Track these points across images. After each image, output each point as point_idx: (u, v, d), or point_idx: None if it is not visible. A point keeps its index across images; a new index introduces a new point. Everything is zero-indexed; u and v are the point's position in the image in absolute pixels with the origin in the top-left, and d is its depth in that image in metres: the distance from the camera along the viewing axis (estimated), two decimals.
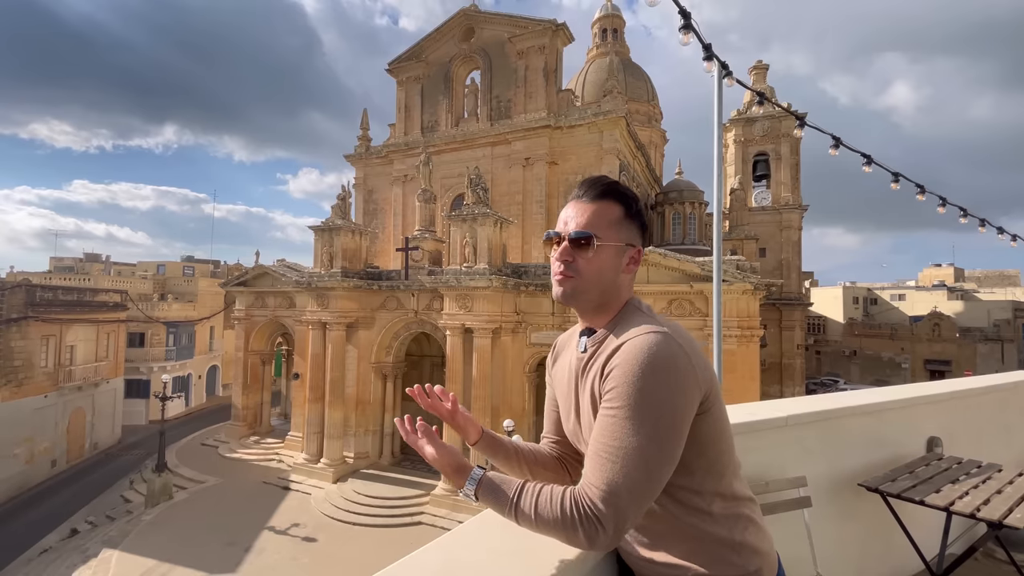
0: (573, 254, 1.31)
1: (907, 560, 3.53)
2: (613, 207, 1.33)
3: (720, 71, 2.35)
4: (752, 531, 1.33)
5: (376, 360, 23.21)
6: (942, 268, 72.70)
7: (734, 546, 1.29)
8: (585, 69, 41.60)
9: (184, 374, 36.97)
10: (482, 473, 1.27)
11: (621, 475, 1.11)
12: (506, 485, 1.24)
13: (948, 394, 4.10)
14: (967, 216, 3.94)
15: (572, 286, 1.32)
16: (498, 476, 1.28)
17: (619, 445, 1.12)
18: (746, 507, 1.35)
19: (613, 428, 1.14)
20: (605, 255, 1.30)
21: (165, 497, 20.09)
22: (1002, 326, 44.47)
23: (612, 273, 1.32)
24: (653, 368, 1.13)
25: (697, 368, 1.18)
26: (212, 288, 39.53)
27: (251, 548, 16.58)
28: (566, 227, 1.33)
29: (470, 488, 1.26)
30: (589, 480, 1.15)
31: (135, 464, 25.82)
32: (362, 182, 31.76)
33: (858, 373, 47.37)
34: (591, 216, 1.31)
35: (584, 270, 1.31)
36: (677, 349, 1.16)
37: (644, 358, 1.14)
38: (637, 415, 1.12)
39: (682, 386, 1.14)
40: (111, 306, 30.48)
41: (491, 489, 1.25)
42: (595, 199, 1.33)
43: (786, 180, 39.87)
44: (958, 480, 3.02)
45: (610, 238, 1.31)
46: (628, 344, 1.20)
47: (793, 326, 37.86)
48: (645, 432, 1.11)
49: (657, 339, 1.17)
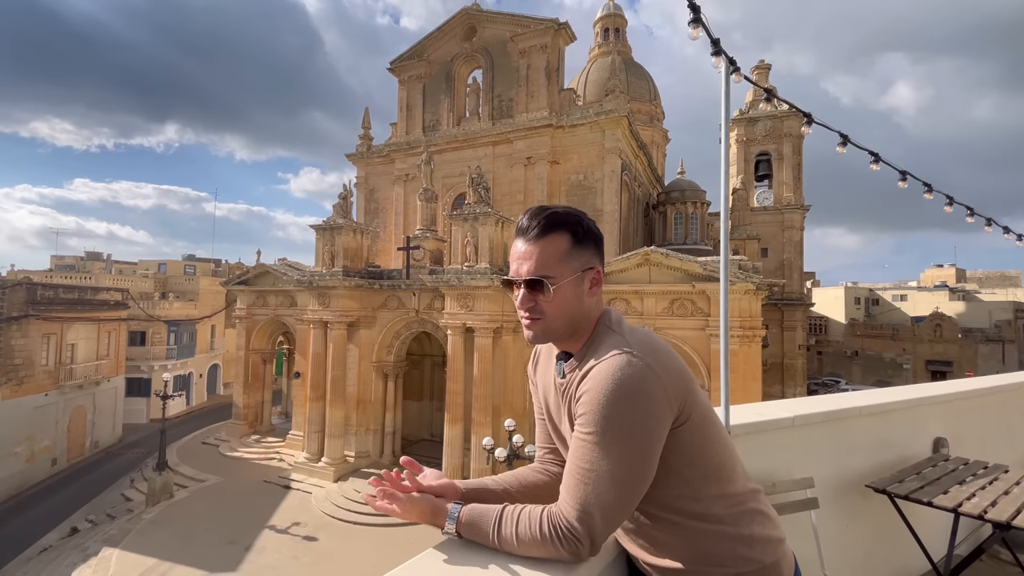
0: (533, 298, 1.31)
1: (913, 561, 3.51)
2: (560, 239, 1.30)
3: (728, 67, 2.32)
4: (760, 521, 1.35)
5: (377, 359, 23.21)
6: (944, 269, 72.61)
7: (745, 540, 1.30)
8: (587, 68, 41.55)
9: (185, 373, 37.00)
10: (459, 510, 1.30)
11: (593, 496, 1.16)
12: (485, 516, 1.27)
13: (953, 395, 4.08)
14: (973, 215, 3.91)
15: (541, 328, 1.33)
16: (475, 510, 1.29)
17: (589, 468, 1.17)
18: (751, 500, 1.36)
19: (584, 451, 1.18)
20: (564, 291, 1.29)
21: (166, 496, 20.10)
22: (1003, 327, 44.40)
23: (576, 303, 1.32)
24: (618, 393, 1.15)
25: (666, 385, 1.19)
26: (213, 287, 39.55)
27: (252, 547, 16.58)
28: (518, 271, 1.32)
29: (451, 527, 1.29)
30: (564, 499, 1.21)
31: (136, 463, 25.84)
32: (363, 181, 31.75)
33: (860, 374, 47.29)
34: (540, 256, 1.29)
35: (547, 311, 1.31)
36: (644, 370, 1.17)
37: (609, 384, 1.17)
38: (605, 439, 1.16)
39: (649, 408, 1.17)
40: (112, 304, 30.49)
41: (471, 524, 1.27)
42: (540, 236, 1.30)
43: (788, 180, 39.79)
44: (965, 481, 3.00)
45: (564, 273, 1.29)
46: (595, 370, 1.22)
47: (795, 326, 37.80)
48: (614, 455, 1.15)
49: (623, 362, 1.18)
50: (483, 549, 1.28)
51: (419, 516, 1.34)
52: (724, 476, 1.32)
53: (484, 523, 1.26)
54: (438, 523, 1.31)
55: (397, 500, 1.34)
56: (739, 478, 1.36)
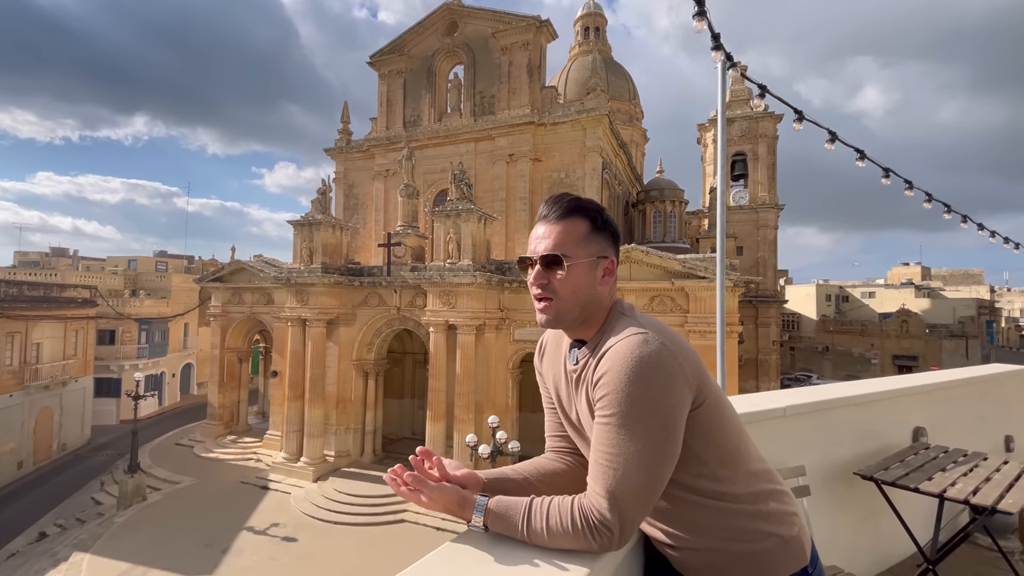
0: (547, 276, 1.33)
1: (897, 546, 3.64)
2: (579, 223, 1.34)
3: (725, 62, 2.36)
4: (776, 497, 1.38)
5: (357, 357, 22.95)
6: (910, 267, 75.19)
7: (763, 516, 1.33)
8: (567, 67, 41.70)
9: (157, 372, 35.99)
10: (486, 501, 1.27)
11: (623, 481, 1.15)
12: (513, 508, 1.25)
13: (932, 385, 4.23)
14: (950, 212, 4.07)
15: (554, 311, 1.34)
16: (503, 502, 1.27)
17: (617, 452, 1.16)
18: (766, 478, 1.40)
19: (609, 436, 1.17)
20: (578, 272, 1.31)
21: (138, 498, 19.55)
22: (967, 323, 46.18)
23: (589, 288, 1.33)
24: (639, 371, 1.15)
25: (684, 364, 1.20)
26: (186, 284, 38.53)
27: (229, 549, 16.26)
28: (535, 249, 1.35)
29: (478, 519, 1.26)
30: (593, 488, 1.19)
31: (106, 465, 25.05)
32: (342, 176, 31.31)
33: (830, 368, 48.63)
34: (558, 236, 1.32)
35: (560, 290, 1.32)
36: (661, 348, 1.18)
37: (629, 362, 1.17)
38: (629, 420, 1.15)
39: (671, 385, 1.17)
40: (79, 302, 29.47)
41: (499, 516, 1.25)
42: (560, 218, 1.34)
43: (763, 180, 40.61)
44: (947, 468, 3.11)
45: (580, 255, 1.32)
46: (612, 350, 1.22)
47: (769, 323, 38.65)
48: (640, 436, 1.15)
49: (640, 341, 1.19)
50: (505, 541, 1.26)
51: (445, 507, 1.30)
52: (740, 456, 1.35)
53: (512, 515, 1.23)
54: (464, 515, 1.29)
55: (425, 489, 1.30)
56: (753, 458, 1.39)
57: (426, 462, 1.40)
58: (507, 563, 1.19)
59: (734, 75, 17.22)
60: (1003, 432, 4.82)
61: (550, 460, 1.56)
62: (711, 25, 2.23)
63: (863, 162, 3.22)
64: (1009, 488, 2.71)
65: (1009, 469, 3.03)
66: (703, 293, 18.23)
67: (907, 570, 3.47)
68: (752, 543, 1.32)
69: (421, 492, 1.30)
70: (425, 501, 1.30)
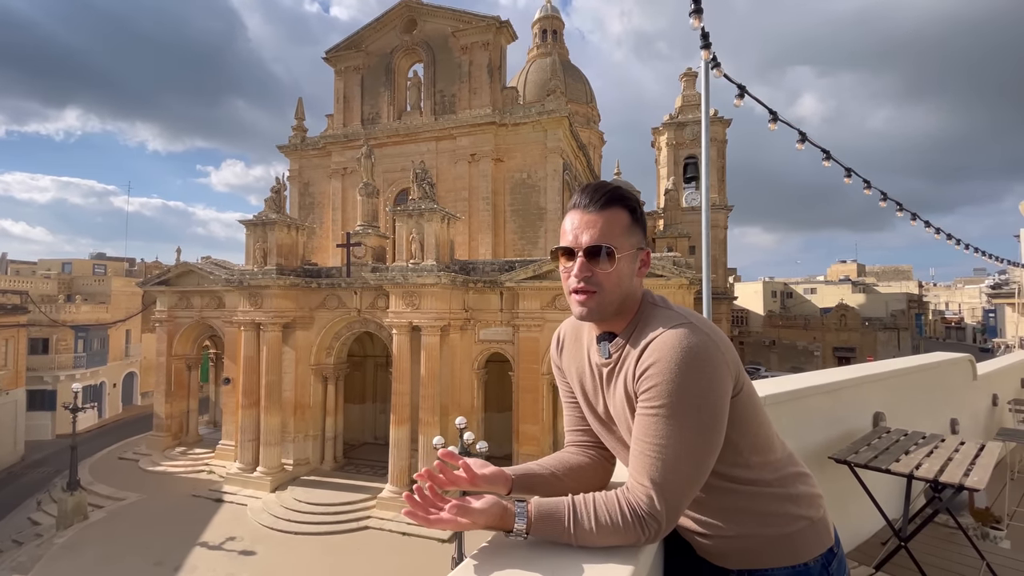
0: (590, 268, 1.28)
1: (865, 525, 3.87)
2: (621, 214, 1.31)
3: (709, 62, 2.45)
4: (803, 480, 1.44)
5: (316, 362, 22.29)
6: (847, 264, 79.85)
7: (793, 499, 1.38)
8: (526, 69, 41.96)
9: (96, 382, 33.74)
10: (526, 506, 1.19)
11: (672, 472, 1.15)
12: (555, 510, 1.19)
13: (888, 373, 4.52)
14: (902, 209, 4.39)
15: (596, 303, 1.30)
16: (543, 504, 1.20)
17: (665, 443, 1.15)
18: (791, 462, 1.45)
19: (656, 427, 1.16)
20: (622, 265, 1.29)
21: (79, 517, 18.29)
22: (898, 316, 49.45)
23: (629, 280, 1.32)
24: (688, 362, 1.15)
25: (726, 355, 1.22)
26: (128, 288, 36.35)
27: (181, 567, 15.45)
28: (578, 240, 1.30)
29: (521, 525, 1.17)
30: (639, 480, 1.18)
31: (42, 483, 23.27)
32: (297, 175, 30.35)
33: (777, 361, 51.01)
34: (604, 226, 1.29)
35: (605, 283, 1.28)
36: (707, 340, 1.19)
37: (678, 353, 1.16)
38: (679, 411, 1.15)
39: (717, 376, 1.18)
40: (8, 309, 27.29)
41: (543, 520, 1.18)
42: (603, 208, 1.30)
43: (714, 182, 42.18)
44: (910, 450, 3.33)
45: (624, 247, 1.30)
46: (658, 341, 1.21)
47: (720, 319, 40.17)
48: (689, 427, 1.15)
49: (687, 332, 1.19)
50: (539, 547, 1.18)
51: (489, 520, 1.19)
52: (769, 442, 1.39)
53: (557, 517, 1.18)
54: (506, 524, 1.19)
55: (469, 512, 1.18)
56: (777, 444, 1.44)
57: (460, 463, 1.31)
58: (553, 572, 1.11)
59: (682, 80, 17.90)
60: (949, 415, 5.21)
61: (574, 454, 1.54)
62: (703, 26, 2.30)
63: (828, 162, 3.43)
64: (971, 467, 2.93)
65: (967, 449, 3.27)
66: (662, 292, 18.74)
67: (873, 548, 3.69)
68: (784, 527, 1.35)
69: (464, 516, 1.18)
70: (468, 523, 1.18)
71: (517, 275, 19.21)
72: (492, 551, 1.21)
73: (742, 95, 2.86)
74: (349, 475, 21.30)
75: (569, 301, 1.35)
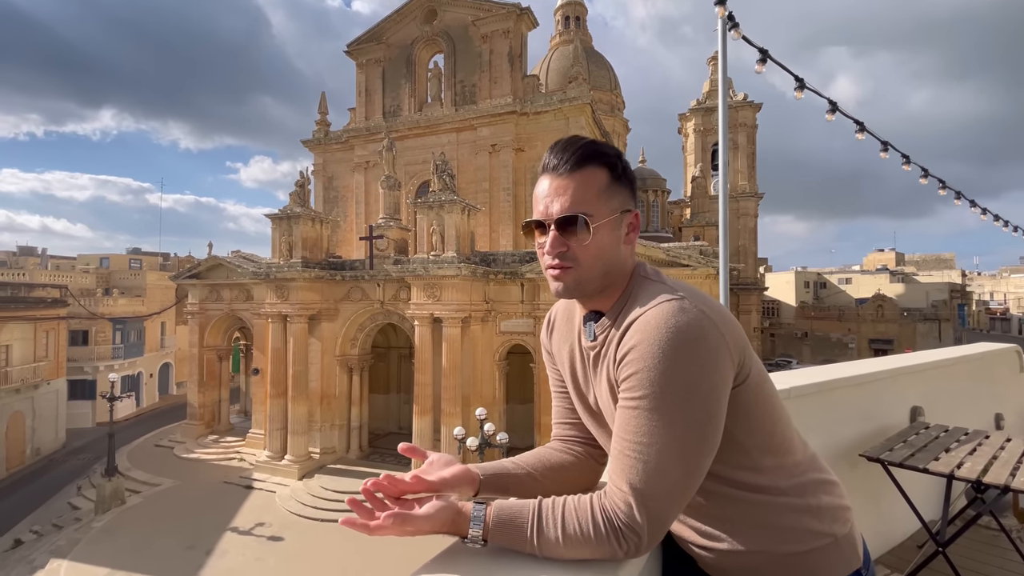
0: (565, 241, 1.09)
1: (898, 527, 3.60)
2: (598, 173, 1.10)
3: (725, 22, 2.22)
4: (826, 489, 1.19)
5: (341, 353, 22.59)
6: (885, 253, 76.97)
7: (813, 512, 1.14)
8: (548, 57, 41.41)
9: (134, 373, 35.05)
10: (484, 509, 1.02)
11: (654, 476, 0.95)
12: (519, 515, 1.01)
13: (927, 364, 4.20)
14: (945, 188, 4.05)
15: (573, 279, 1.11)
16: (504, 509, 1.02)
17: (648, 441, 0.96)
18: (813, 468, 1.21)
19: (638, 422, 0.97)
20: (602, 233, 1.09)
21: (117, 502, 19.03)
22: (939, 306, 47.42)
23: (613, 250, 1.11)
24: (676, 343, 0.95)
25: (727, 335, 1.00)
26: (162, 282, 37.53)
27: (213, 551, 15.91)
28: (548, 210, 1.10)
29: (476, 531, 1.00)
30: (617, 485, 0.99)
31: (83, 469, 24.32)
32: (321, 169, 30.71)
33: (809, 354, 49.59)
34: (576, 191, 1.08)
35: (582, 257, 1.09)
36: (701, 316, 0.98)
37: (664, 333, 0.96)
38: (664, 403, 0.95)
39: (713, 360, 0.97)
40: (49, 302, 28.48)
41: (502, 526, 1.00)
42: (575, 168, 1.09)
43: (743, 169, 41.00)
44: (951, 448, 3.06)
45: (602, 212, 1.09)
46: (642, 319, 1.01)
47: (750, 310, 39.22)
48: (677, 422, 0.95)
49: (676, 308, 0.98)
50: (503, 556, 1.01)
51: (437, 526, 1.03)
52: (784, 442, 1.16)
53: (519, 524, 1.00)
54: (460, 530, 1.03)
55: (411, 520, 1.00)
56: (797, 445, 1.21)
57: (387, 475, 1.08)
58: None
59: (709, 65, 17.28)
60: (993, 410, 4.84)
61: (556, 451, 1.34)
62: None
63: (863, 134, 3.15)
64: (1018, 465, 2.66)
65: (1013, 447, 2.99)
66: (687, 281, 18.18)
67: (908, 551, 3.42)
68: (800, 544, 1.13)
69: (407, 524, 1.00)
70: (412, 531, 1.01)
71: (537, 266, 19.02)
72: (447, 561, 1.03)
73: (764, 60, 2.61)
74: (374, 464, 21.58)
75: (547, 278, 1.16)
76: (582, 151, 1.10)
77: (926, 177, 3.80)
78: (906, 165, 3.54)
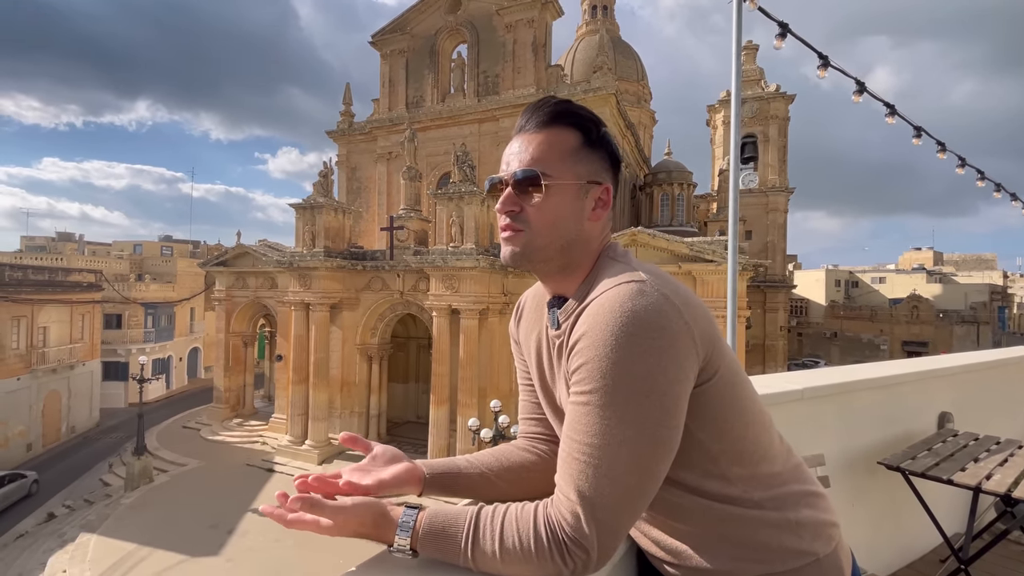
0: (519, 201, 0.99)
1: (919, 540, 3.38)
2: (566, 134, 0.99)
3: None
4: (809, 502, 1.05)
5: (361, 342, 22.85)
6: (922, 252, 74.11)
7: (792, 527, 1.00)
8: (574, 47, 40.83)
9: (164, 356, 36.21)
10: (415, 515, 0.89)
11: (605, 482, 0.83)
12: (452, 523, 0.89)
13: (959, 367, 3.94)
14: (983, 179, 3.76)
15: (522, 243, 0.99)
16: (438, 516, 0.90)
17: (597, 443, 0.84)
18: (796, 478, 1.06)
19: (588, 420, 0.85)
20: (559, 197, 0.98)
21: (145, 480, 19.69)
22: (978, 309, 45.45)
23: (573, 221, 0.99)
24: (631, 330, 0.83)
25: (691, 324, 0.87)
26: (191, 268, 38.57)
27: (234, 530, 16.33)
28: (509, 168, 1.01)
29: (403, 541, 0.88)
30: (564, 492, 0.86)
31: (114, 447, 25.28)
32: (345, 159, 30.98)
33: (838, 354, 48.17)
34: (537, 148, 0.98)
35: (534, 220, 0.98)
36: (662, 300, 0.86)
37: (618, 318, 0.84)
38: (616, 398, 0.83)
39: (673, 350, 0.84)
40: (85, 286, 29.52)
41: (433, 536, 0.88)
42: (541, 126, 0.99)
43: (773, 163, 39.77)
44: (980, 458, 2.84)
45: (564, 175, 0.98)
46: (595, 303, 0.90)
47: (777, 308, 38.20)
48: (629, 419, 0.83)
49: (633, 290, 0.87)
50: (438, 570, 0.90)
51: (356, 529, 0.91)
52: (759, 452, 1.02)
53: (451, 534, 0.88)
54: (385, 536, 0.91)
55: (325, 511, 0.91)
56: (777, 454, 1.06)
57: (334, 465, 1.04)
58: None
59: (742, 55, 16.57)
60: None
61: (519, 449, 1.21)
62: None
63: (893, 118, 2.92)
64: None
65: None
66: (711, 277, 17.88)
67: (929, 566, 3.22)
68: (777, 563, 0.99)
69: (327, 516, 0.90)
70: (328, 527, 0.90)
71: None
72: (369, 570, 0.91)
73: (784, 34, 2.41)
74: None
75: (501, 244, 1.04)
76: (552, 109, 1.00)
77: (963, 167, 3.52)
78: (941, 153, 3.27)
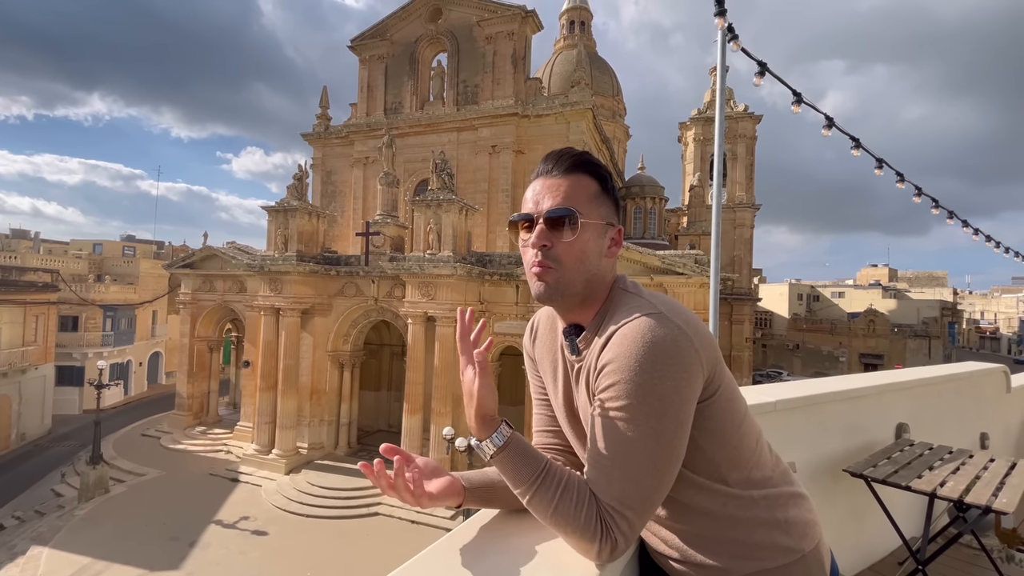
0: (551, 237, 1.12)
1: (880, 543, 3.61)
2: (589, 181, 1.15)
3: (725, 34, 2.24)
4: (796, 503, 1.21)
5: (333, 348, 22.50)
6: (878, 268, 77.48)
7: (781, 526, 1.16)
8: (552, 60, 41.49)
9: (123, 361, 34.76)
10: (509, 435, 1.09)
11: (630, 485, 1.01)
12: (531, 461, 1.09)
13: (915, 381, 4.23)
14: (938, 207, 4.09)
15: (555, 279, 1.12)
16: (525, 446, 1.11)
17: (623, 451, 1.02)
18: (784, 481, 1.23)
19: (614, 432, 1.02)
20: (587, 236, 1.12)
21: (100, 491, 18.87)
22: (930, 323, 47.76)
23: (596, 258, 1.14)
24: (653, 357, 1.00)
25: (700, 350, 1.04)
26: (155, 270, 37.27)
27: (196, 543, 15.81)
28: (539, 206, 1.14)
29: (491, 447, 1.09)
30: (596, 491, 1.05)
31: (67, 456, 24.10)
32: (320, 163, 30.62)
33: (800, 365, 49.82)
34: (568, 191, 1.12)
35: (565, 257, 1.11)
36: (676, 332, 1.02)
37: (642, 347, 1.01)
38: (640, 415, 1.00)
39: (686, 374, 1.01)
40: (40, 286, 28.24)
41: (513, 458, 1.09)
42: (567, 172, 1.14)
43: (741, 179, 41.13)
44: (934, 466, 3.07)
45: (591, 215, 1.13)
46: (620, 334, 1.05)
47: (743, 320, 39.31)
48: (651, 433, 1.00)
49: (653, 323, 1.03)
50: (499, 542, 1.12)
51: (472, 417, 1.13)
52: (752, 455, 1.18)
53: (527, 468, 1.08)
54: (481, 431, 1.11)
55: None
56: (767, 459, 1.23)
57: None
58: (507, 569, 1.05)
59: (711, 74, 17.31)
60: (979, 429, 4.87)
61: None
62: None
63: (858, 151, 3.17)
64: (1001, 487, 2.68)
65: (997, 467, 3.01)
66: (682, 289, 18.36)
67: (889, 568, 3.44)
68: (766, 560, 1.14)
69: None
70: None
71: None
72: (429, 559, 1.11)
73: (762, 73, 2.62)
74: (362, 461, 21.47)
75: (528, 280, 1.18)
76: (577, 157, 1.17)
77: (919, 196, 3.83)
78: (900, 183, 3.56)
